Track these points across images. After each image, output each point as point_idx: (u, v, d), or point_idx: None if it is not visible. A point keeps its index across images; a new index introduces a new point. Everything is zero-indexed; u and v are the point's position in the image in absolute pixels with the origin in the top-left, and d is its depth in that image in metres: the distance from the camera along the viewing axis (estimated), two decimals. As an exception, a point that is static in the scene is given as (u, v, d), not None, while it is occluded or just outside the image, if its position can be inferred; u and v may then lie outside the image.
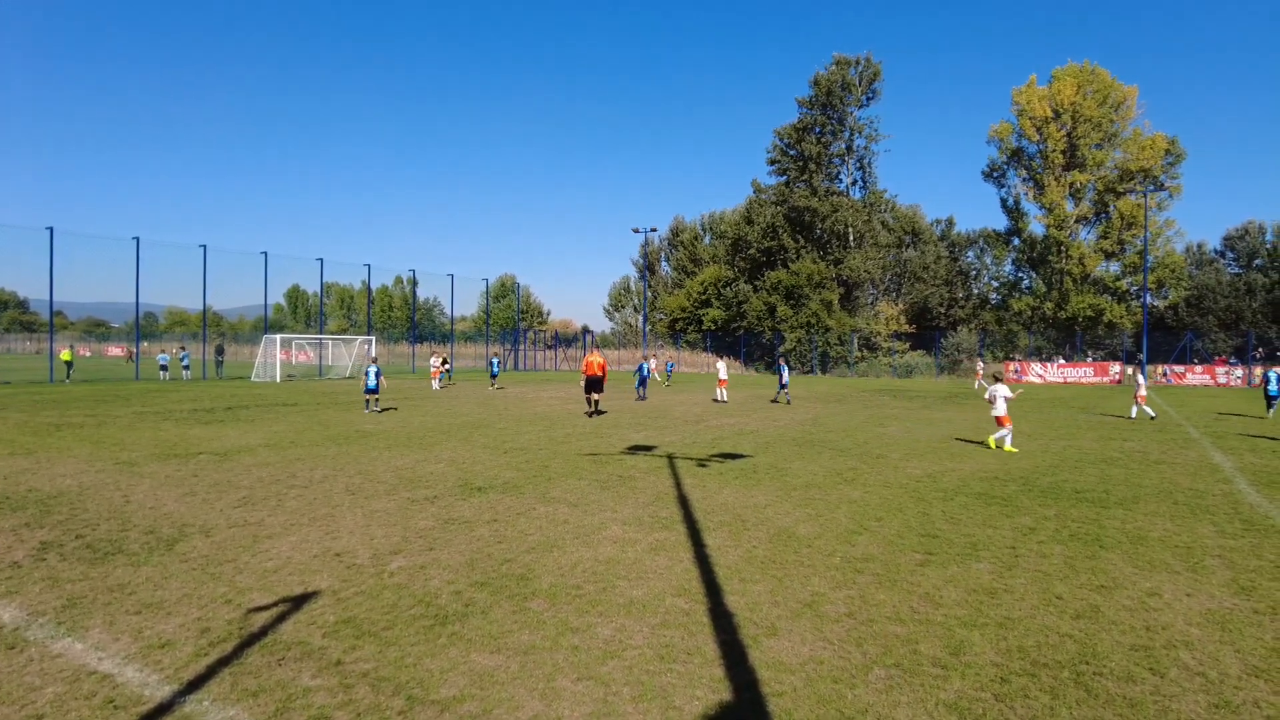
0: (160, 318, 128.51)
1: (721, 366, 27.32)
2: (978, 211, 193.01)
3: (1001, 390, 14.58)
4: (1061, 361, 50.88)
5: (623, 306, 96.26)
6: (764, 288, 61.55)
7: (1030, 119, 57.90)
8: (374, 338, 47.36)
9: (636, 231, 58.56)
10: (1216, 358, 52.11)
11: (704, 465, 11.79)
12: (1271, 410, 22.73)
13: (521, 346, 63.67)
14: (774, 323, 59.69)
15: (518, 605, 5.39)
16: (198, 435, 14.89)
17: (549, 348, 67.85)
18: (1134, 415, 21.16)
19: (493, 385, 33.38)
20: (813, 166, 60.66)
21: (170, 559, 6.42)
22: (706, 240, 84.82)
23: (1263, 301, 60.26)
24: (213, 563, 6.33)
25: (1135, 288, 57.23)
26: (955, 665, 4.47)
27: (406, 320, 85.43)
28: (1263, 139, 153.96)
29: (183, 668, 4.31)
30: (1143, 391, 21.58)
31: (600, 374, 20.45)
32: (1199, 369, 46.02)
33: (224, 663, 4.39)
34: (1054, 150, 57.09)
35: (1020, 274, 64.04)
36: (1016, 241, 62.53)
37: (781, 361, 29.40)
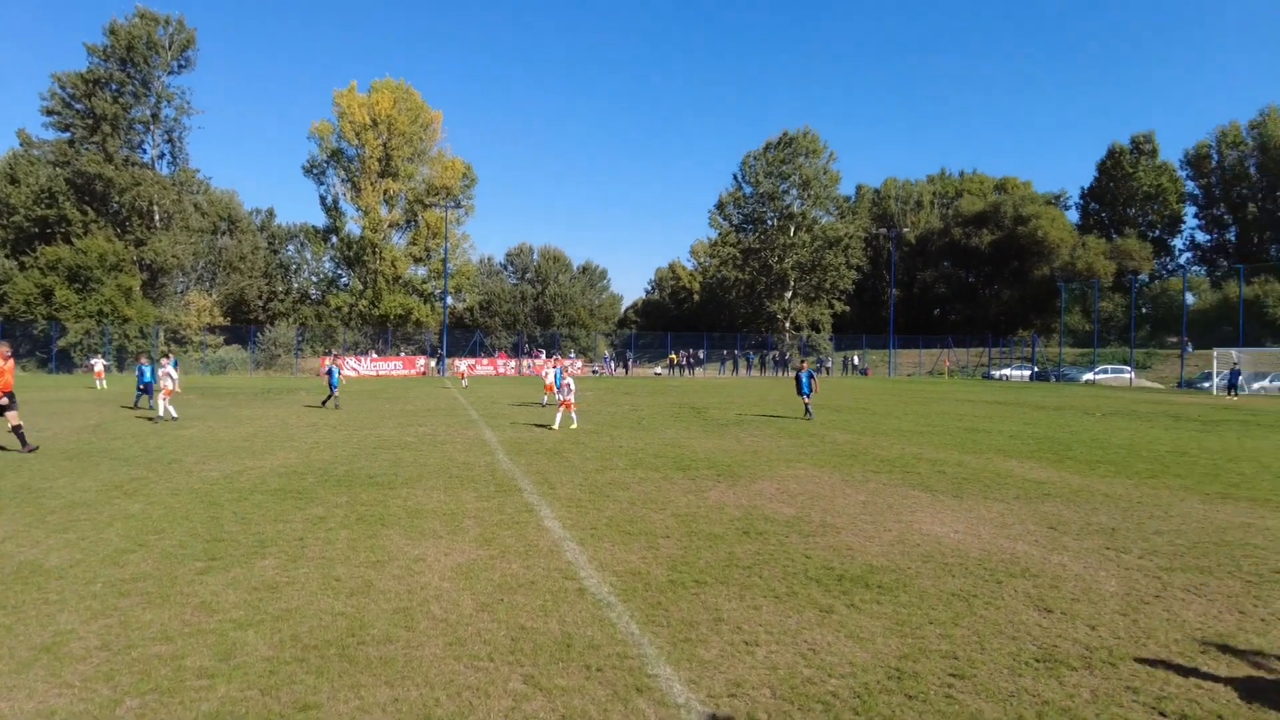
0: None
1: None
2: (299, 206, 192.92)
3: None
4: (374, 355, 54.54)
5: None
6: (36, 265, 50.08)
7: (350, 123, 60.48)
8: None
9: None
10: (499, 352, 62.77)
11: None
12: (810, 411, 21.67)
13: None
14: (51, 309, 49.10)
15: None
16: None
17: None
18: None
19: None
20: (107, 128, 51.79)
21: None
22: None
23: (531, 308, 75.25)
24: None
25: (439, 291, 65.03)
26: (223, 671, 4.32)
27: None
28: (536, 170, 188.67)
29: None
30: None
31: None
32: (485, 362, 54.96)
33: None
34: (371, 156, 60.86)
35: (339, 271, 66.44)
36: (335, 240, 64.71)
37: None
